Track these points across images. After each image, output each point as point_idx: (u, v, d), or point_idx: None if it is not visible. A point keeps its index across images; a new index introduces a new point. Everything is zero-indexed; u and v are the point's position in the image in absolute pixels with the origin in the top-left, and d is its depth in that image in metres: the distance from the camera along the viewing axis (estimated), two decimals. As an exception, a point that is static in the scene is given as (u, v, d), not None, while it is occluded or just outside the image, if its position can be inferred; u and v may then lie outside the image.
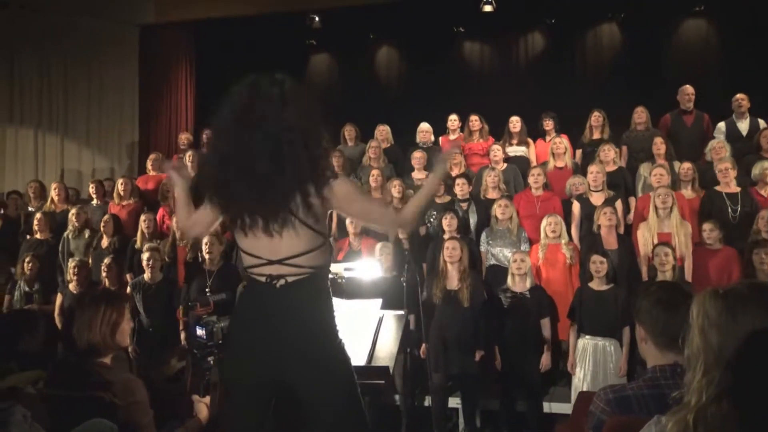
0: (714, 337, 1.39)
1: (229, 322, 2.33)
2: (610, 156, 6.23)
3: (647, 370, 2.00)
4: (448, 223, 5.48)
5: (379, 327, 3.08)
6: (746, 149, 6.33)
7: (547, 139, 7.04)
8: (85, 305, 2.53)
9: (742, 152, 6.27)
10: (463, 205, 5.99)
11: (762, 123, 6.54)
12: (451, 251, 4.93)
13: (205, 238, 5.52)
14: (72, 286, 5.66)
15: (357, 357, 2.73)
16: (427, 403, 5.00)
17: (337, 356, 2.18)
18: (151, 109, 9.40)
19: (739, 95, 6.61)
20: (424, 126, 7.48)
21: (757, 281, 3.11)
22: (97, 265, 5.84)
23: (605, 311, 4.66)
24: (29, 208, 7.14)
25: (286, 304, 2.13)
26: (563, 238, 5.37)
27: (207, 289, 4.52)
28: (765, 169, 5.61)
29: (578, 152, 6.91)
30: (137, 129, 9.32)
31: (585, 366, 4.66)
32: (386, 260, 5.10)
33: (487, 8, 8.70)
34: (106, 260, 5.72)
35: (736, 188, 5.55)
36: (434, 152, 6.91)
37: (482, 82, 9.39)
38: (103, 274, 5.67)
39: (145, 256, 5.52)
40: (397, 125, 7.79)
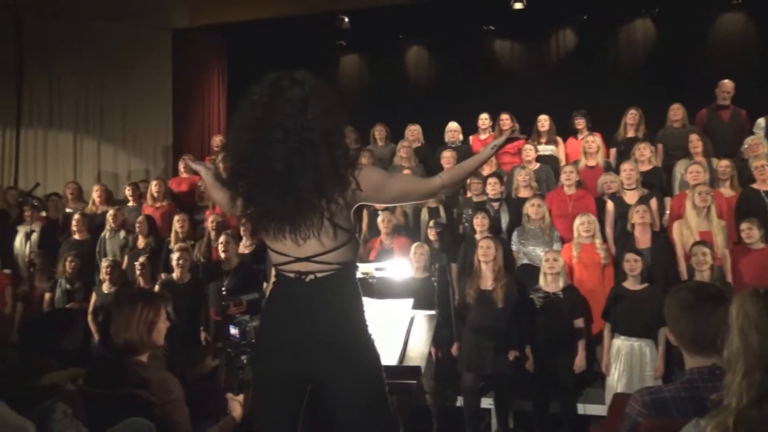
0: (754, 338, 1.36)
1: (260, 318, 2.34)
2: (646, 155, 6.10)
3: (684, 372, 1.95)
4: (479, 223, 5.45)
5: (410, 327, 3.07)
6: (786, 145, 6.16)
7: (579, 137, 6.95)
8: (123, 304, 2.59)
9: (781, 148, 6.10)
10: (495, 205, 5.95)
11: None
12: (485, 251, 4.89)
13: (221, 238, 5.58)
14: (105, 286, 5.74)
15: (388, 357, 2.72)
16: (458, 404, 4.97)
17: (365, 351, 2.16)
18: (185, 113, 9.53)
19: (779, 90, 6.46)
20: (453, 125, 7.46)
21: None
22: (132, 265, 5.95)
23: (640, 311, 4.57)
24: (67, 210, 7.30)
25: (315, 299, 2.12)
26: (597, 238, 5.30)
27: (223, 289, 4.51)
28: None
29: (612, 151, 6.80)
30: (171, 132, 9.44)
31: (619, 367, 4.59)
32: (419, 260, 5.09)
33: (518, 6, 8.61)
34: (141, 259, 5.81)
35: (774, 185, 5.40)
36: (463, 151, 6.89)
37: (513, 80, 9.32)
38: (138, 273, 5.76)
39: (175, 255, 5.57)
40: (427, 125, 7.78)
